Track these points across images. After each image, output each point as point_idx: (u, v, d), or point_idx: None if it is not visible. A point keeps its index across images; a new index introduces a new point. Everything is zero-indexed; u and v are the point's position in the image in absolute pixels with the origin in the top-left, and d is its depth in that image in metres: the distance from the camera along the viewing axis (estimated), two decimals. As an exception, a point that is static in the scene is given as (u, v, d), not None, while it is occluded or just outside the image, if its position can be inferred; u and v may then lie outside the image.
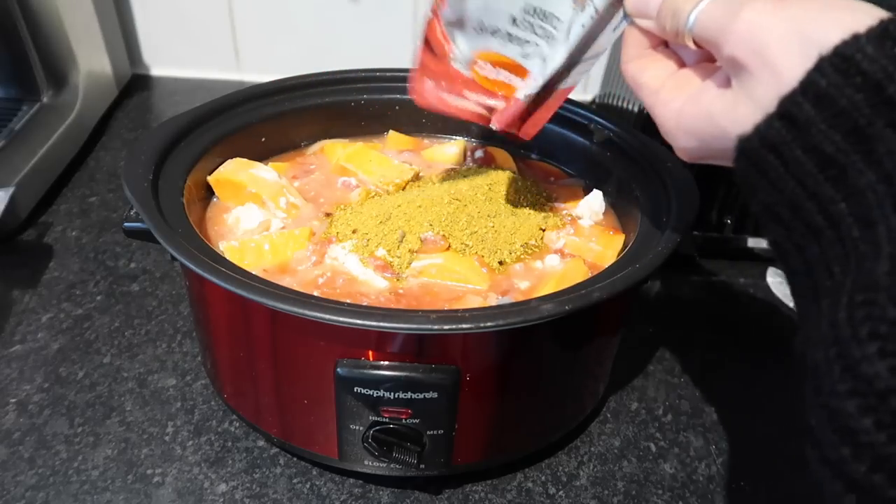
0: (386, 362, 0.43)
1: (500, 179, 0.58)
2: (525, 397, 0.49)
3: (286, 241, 0.52)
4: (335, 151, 0.63)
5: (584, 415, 0.56)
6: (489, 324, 0.39)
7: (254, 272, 0.46)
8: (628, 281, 0.43)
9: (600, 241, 0.54)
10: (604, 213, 0.58)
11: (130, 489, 0.50)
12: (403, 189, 0.59)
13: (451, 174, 0.61)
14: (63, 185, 0.81)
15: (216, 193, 0.57)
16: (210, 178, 0.57)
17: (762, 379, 0.63)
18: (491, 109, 0.49)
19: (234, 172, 0.56)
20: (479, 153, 0.65)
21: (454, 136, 0.67)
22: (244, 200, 0.56)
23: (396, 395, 0.44)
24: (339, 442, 0.48)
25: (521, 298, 0.50)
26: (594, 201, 0.58)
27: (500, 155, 0.65)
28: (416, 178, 0.61)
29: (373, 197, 0.58)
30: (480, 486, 0.52)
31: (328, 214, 0.56)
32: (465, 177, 0.59)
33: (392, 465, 0.48)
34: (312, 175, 0.61)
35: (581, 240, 0.55)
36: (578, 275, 0.50)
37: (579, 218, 0.58)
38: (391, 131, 0.66)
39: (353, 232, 0.52)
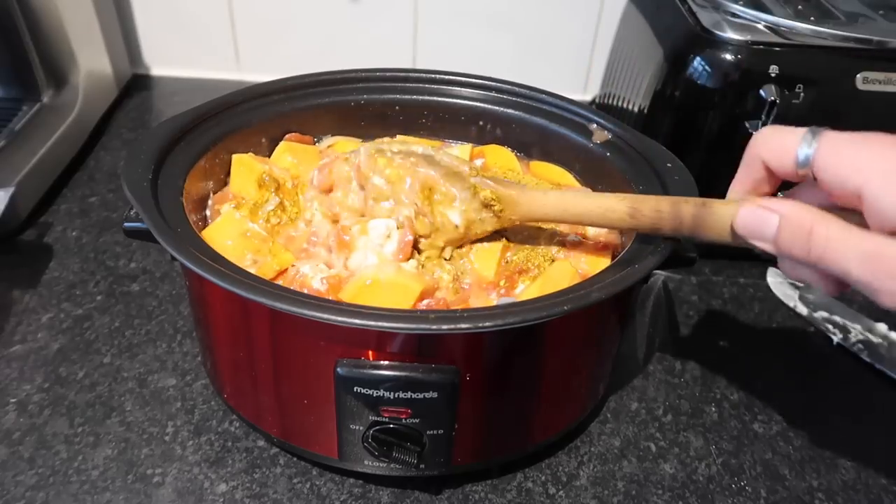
0: (386, 362, 0.43)
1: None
2: (525, 397, 0.49)
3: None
4: (347, 149, 0.63)
5: (584, 415, 0.56)
6: (488, 324, 0.39)
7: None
8: (627, 281, 0.43)
9: (589, 262, 0.53)
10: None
11: (130, 489, 0.50)
12: None
13: None
14: (63, 185, 0.81)
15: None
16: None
17: (762, 379, 0.63)
18: None
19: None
20: (478, 161, 0.65)
21: (453, 140, 0.67)
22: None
23: (396, 395, 0.44)
24: (339, 442, 0.48)
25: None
26: None
27: (503, 155, 0.65)
28: None
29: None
30: (480, 486, 0.52)
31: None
32: None
33: (392, 465, 0.48)
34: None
35: (571, 256, 0.54)
36: (565, 277, 0.50)
37: (585, 232, 0.56)
38: (399, 136, 0.66)
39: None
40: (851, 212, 0.38)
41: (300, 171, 0.60)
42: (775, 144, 0.41)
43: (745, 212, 0.40)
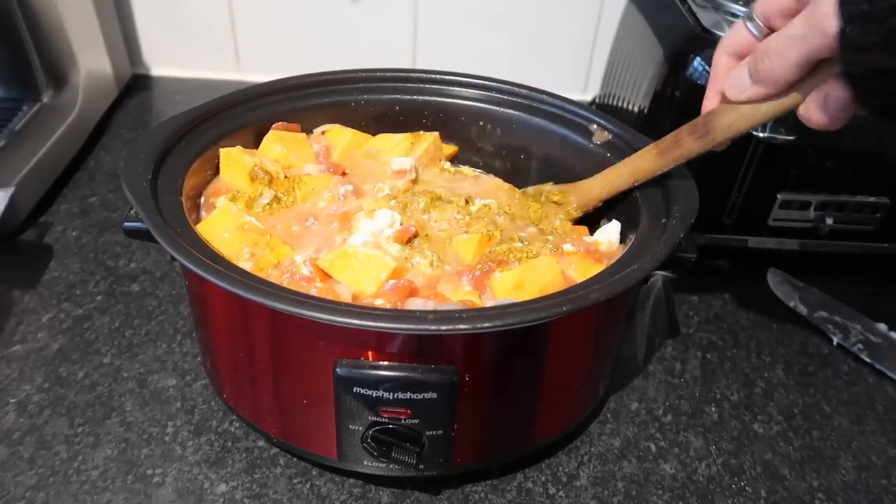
0: (385, 362, 0.43)
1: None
2: (524, 398, 0.49)
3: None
4: (341, 136, 0.63)
5: (584, 415, 0.56)
6: (486, 324, 0.39)
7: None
8: (627, 282, 0.43)
9: (578, 269, 0.53)
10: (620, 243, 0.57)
11: (130, 489, 0.50)
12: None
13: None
14: (63, 185, 0.81)
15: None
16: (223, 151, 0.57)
17: (762, 379, 0.63)
18: None
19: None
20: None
21: (453, 140, 0.67)
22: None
23: (395, 396, 0.44)
24: (338, 442, 0.48)
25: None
26: (612, 231, 0.56)
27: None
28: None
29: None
30: (480, 487, 0.52)
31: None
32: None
33: (391, 466, 0.48)
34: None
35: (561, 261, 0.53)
36: (547, 272, 0.49)
37: (597, 244, 0.56)
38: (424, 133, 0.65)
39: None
40: None
41: (290, 160, 0.59)
42: (730, 39, 0.48)
43: (728, 79, 0.46)
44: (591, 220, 0.60)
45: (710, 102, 0.50)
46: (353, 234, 0.53)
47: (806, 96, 0.43)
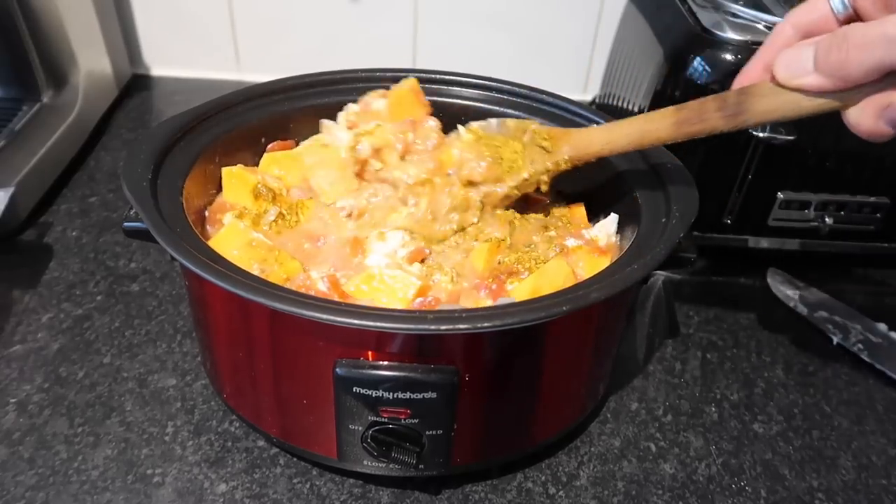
0: (385, 362, 0.43)
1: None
2: (524, 397, 0.49)
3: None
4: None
5: (584, 415, 0.56)
6: (486, 324, 0.39)
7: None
8: (626, 282, 0.43)
9: (586, 265, 0.53)
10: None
11: (130, 489, 0.50)
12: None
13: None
14: (63, 185, 0.81)
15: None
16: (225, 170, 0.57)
17: (762, 379, 0.63)
18: None
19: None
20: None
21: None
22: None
23: (395, 396, 0.44)
24: (338, 442, 0.48)
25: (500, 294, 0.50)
26: (610, 224, 0.56)
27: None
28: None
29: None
30: (480, 487, 0.52)
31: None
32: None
33: (391, 466, 0.48)
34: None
35: (569, 260, 0.53)
36: (560, 275, 0.50)
37: (596, 240, 0.56)
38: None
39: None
40: None
41: (289, 181, 0.59)
42: (804, 10, 0.42)
43: (784, 55, 0.40)
44: (588, 213, 0.60)
45: (751, 73, 0.44)
46: (368, 255, 0.53)
47: (860, 101, 0.38)
